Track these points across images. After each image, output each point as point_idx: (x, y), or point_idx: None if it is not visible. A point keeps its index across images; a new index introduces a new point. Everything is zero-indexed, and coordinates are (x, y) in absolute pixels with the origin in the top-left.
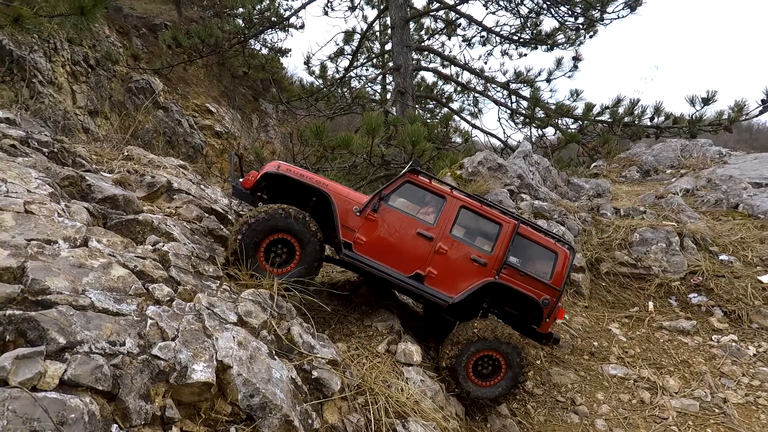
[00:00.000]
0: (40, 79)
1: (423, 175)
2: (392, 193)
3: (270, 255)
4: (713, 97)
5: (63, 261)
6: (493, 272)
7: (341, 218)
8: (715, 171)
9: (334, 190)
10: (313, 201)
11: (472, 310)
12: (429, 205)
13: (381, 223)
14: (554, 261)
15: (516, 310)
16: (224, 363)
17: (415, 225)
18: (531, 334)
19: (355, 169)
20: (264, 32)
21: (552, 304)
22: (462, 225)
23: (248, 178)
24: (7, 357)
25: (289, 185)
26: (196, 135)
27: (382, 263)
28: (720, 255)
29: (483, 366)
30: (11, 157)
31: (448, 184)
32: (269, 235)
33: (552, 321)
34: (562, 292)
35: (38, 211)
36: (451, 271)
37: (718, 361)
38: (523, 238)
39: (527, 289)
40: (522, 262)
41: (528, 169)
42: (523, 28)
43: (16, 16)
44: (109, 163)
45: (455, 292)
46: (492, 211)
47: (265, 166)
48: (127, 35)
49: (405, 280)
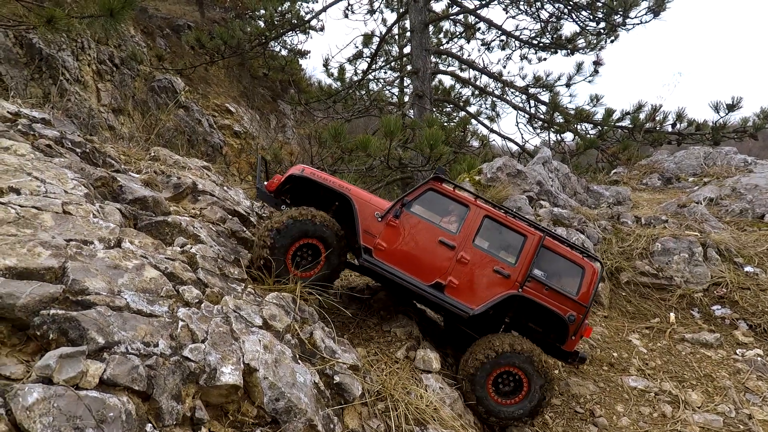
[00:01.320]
0: (67, 77)
1: (447, 182)
2: (415, 200)
3: (295, 259)
4: (738, 104)
5: (100, 262)
6: (516, 285)
7: (363, 223)
8: (739, 180)
9: (356, 195)
10: (335, 205)
11: (494, 324)
12: (452, 214)
13: (402, 230)
14: (581, 276)
15: (540, 326)
16: (251, 366)
17: (437, 233)
18: (555, 352)
19: (371, 171)
20: (284, 34)
21: (578, 321)
22: (485, 235)
23: (273, 182)
24: (52, 355)
25: (313, 188)
26: (216, 134)
27: (402, 270)
28: (745, 266)
29: (504, 383)
30: (48, 157)
31: (472, 193)
32: (299, 240)
33: (578, 339)
34: (589, 308)
35: (75, 211)
36: (472, 281)
37: (743, 376)
38: (549, 250)
39: (552, 304)
40: (547, 276)
41: (547, 176)
42: (543, 33)
43: (50, 17)
44: (137, 164)
45: (476, 304)
46: (517, 222)
47: (290, 169)
48: (152, 35)
49: (425, 288)
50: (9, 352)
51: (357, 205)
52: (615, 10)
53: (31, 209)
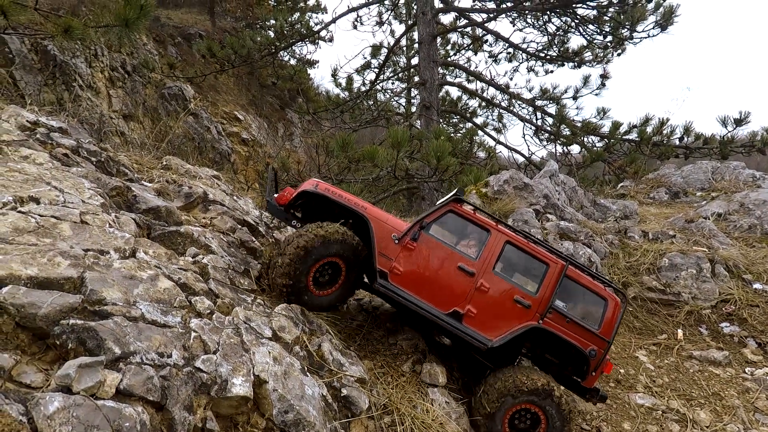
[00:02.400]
0: (80, 83)
1: (467, 204)
2: (434, 222)
3: (315, 276)
4: (746, 118)
5: (116, 272)
6: (536, 316)
7: (379, 245)
8: (748, 195)
9: (373, 215)
10: (349, 223)
11: (509, 353)
12: (471, 238)
13: (420, 254)
14: (604, 308)
15: (557, 358)
16: (261, 378)
17: (456, 258)
18: (573, 387)
19: (378, 181)
20: (294, 44)
21: (599, 356)
22: (506, 262)
23: (284, 194)
24: (72, 365)
25: (325, 205)
26: (224, 141)
27: (418, 297)
28: (754, 283)
29: (521, 420)
30: (65, 166)
31: (493, 217)
32: (324, 258)
33: (598, 375)
34: (611, 344)
35: (92, 221)
36: (491, 311)
37: (752, 395)
38: (571, 281)
39: (573, 338)
40: (569, 307)
41: (554, 189)
42: (550, 46)
43: (67, 27)
44: (149, 173)
45: (495, 335)
46: (539, 249)
47: (303, 184)
48: (163, 44)
49: (442, 317)
50: (29, 360)
51: (374, 226)
52: (622, 24)
53: (50, 219)
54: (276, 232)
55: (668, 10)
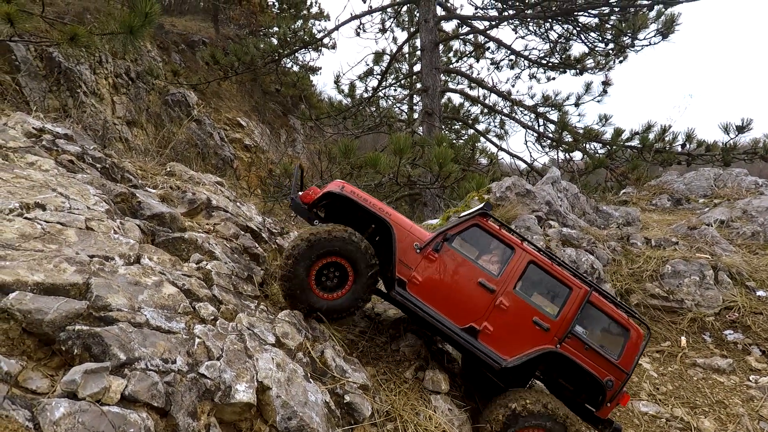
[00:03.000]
0: (84, 89)
1: (493, 220)
2: (458, 234)
3: (321, 279)
4: (748, 125)
5: (121, 278)
6: (555, 340)
7: (400, 252)
8: (751, 202)
9: (396, 221)
10: (371, 228)
11: (522, 374)
12: (494, 254)
13: (441, 265)
14: (625, 339)
15: (572, 384)
16: (264, 384)
17: (477, 273)
18: (585, 415)
19: (380, 187)
20: (297, 51)
21: (616, 388)
22: (528, 282)
23: (308, 193)
24: (78, 371)
25: (349, 207)
26: (227, 147)
27: (435, 309)
28: (757, 291)
29: None
30: (71, 173)
31: (519, 235)
32: (323, 258)
33: (613, 406)
34: (629, 376)
35: (97, 227)
36: (508, 330)
37: (757, 403)
38: (594, 307)
39: (591, 366)
40: (589, 334)
41: (556, 196)
42: (552, 53)
43: (73, 34)
44: (153, 179)
45: (510, 355)
46: (563, 273)
47: (329, 185)
48: (167, 50)
49: (457, 332)
50: (35, 366)
51: (396, 233)
52: (624, 32)
53: (56, 225)
54: (279, 239)
55: (669, 19)
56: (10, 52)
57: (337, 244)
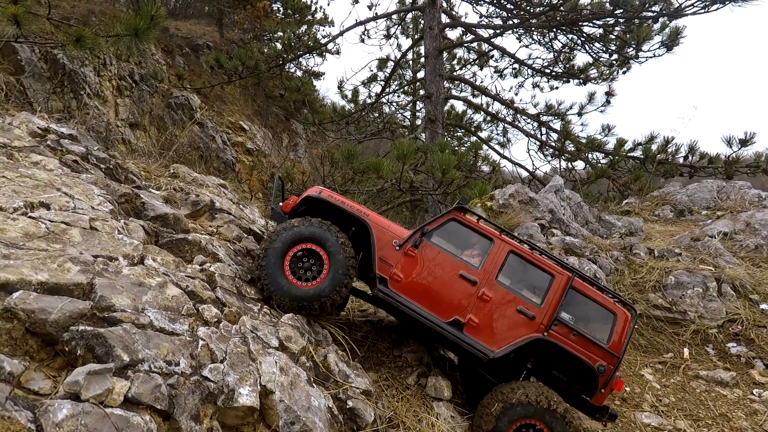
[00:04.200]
0: (87, 92)
1: (470, 213)
2: (436, 229)
3: (294, 269)
4: (751, 139)
5: (125, 279)
6: (541, 328)
7: (379, 251)
8: (754, 215)
9: (374, 221)
10: (351, 230)
11: (514, 368)
12: (474, 247)
13: (421, 261)
14: (612, 323)
15: (565, 374)
16: (267, 388)
17: (457, 266)
18: (581, 405)
19: (382, 192)
20: (301, 56)
21: (609, 373)
22: (509, 272)
23: (288, 202)
24: (81, 372)
25: (329, 212)
26: (229, 151)
27: (418, 304)
28: (761, 304)
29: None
30: (75, 173)
31: (497, 226)
32: (302, 243)
33: (608, 393)
34: (621, 359)
35: (101, 228)
36: (494, 321)
37: (760, 417)
38: (578, 293)
39: (580, 352)
40: (575, 320)
41: (559, 204)
42: (555, 62)
43: (78, 36)
44: (157, 180)
45: (497, 346)
46: (544, 260)
47: (306, 191)
48: (171, 54)
49: (442, 326)
50: (37, 366)
51: (374, 232)
52: (628, 43)
53: (60, 224)
54: None
55: (674, 31)
56: (14, 53)
57: (308, 229)
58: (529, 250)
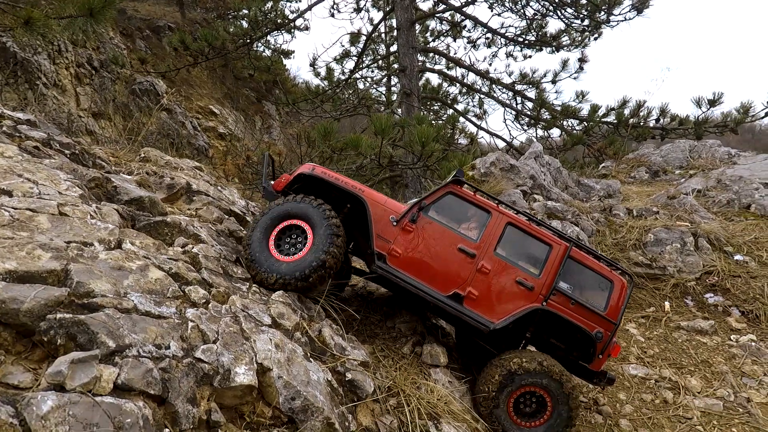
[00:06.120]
0: (44, 81)
1: (467, 186)
2: (433, 203)
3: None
4: (719, 99)
5: (102, 263)
6: (540, 298)
7: (376, 227)
8: (724, 171)
9: (370, 197)
10: (347, 207)
11: (513, 339)
12: (472, 220)
13: (419, 236)
14: (609, 290)
15: (563, 342)
16: (264, 366)
17: (456, 240)
18: (580, 372)
19: (361, 170)
20: (269, 34)
21: (606, 339)
22: (508, 243)
23: (280, 181)
24: (63, 361)
25: (323, 189)
26: (200, 137)
27: (418, 279)
28: (735, 255)
29: (525, 404)
30: (37, 159)
31: (494, 198)
32: (287, 219)
33: (605, 358)
34: (618, 326)
35: (72, 213)
36: (493, 293)
37: (739, 361)
38: (575, 262)
39: (579, 320)
40: (573, 289)
41: (540, 170)
42: (528, 30)
43: (27, 18)
44: (128, 165)
45: (497, 317)
46: (541, 231)
47: (299, 168)
48: (131, 37)
49: (443, 299)
50: (14, 360)
51: (371, 208)
52: (599, 8)
53: (25, 211)
54: None
55: None
56: None
57: (288, 206)
58: (527, 220)
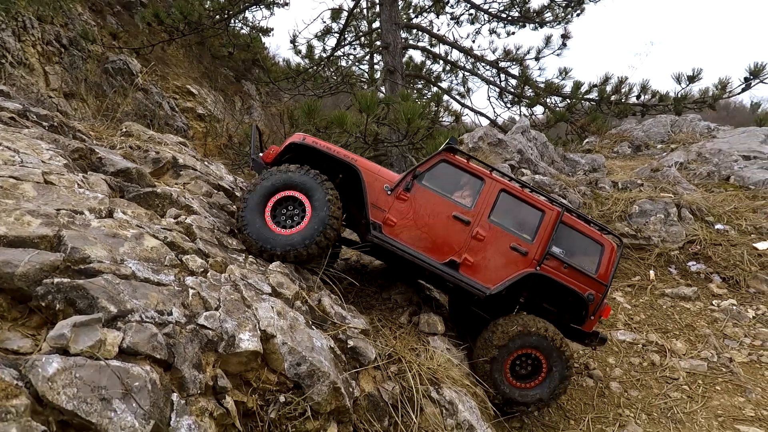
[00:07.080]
0: (10, 60)
1: (460, 154)
2: (427, 171)
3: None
4: (698, 75)
5: (96, 230)
6: (534, 263)
7: (371, 196)
8: (704, 145)
9: (363, 166)
10: (339, 178)
11: (507, 304)
12: (466, 188)
13: (414, 204)
14: (600, 253)
15: (555, 306)
16: (267, 332)
17: (450, 207)
18: (572, 334)
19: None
20: (247, 9)
21: (597, 301)
22: (501, 210)
23: (269, 152)
24: (65, 325)
25: (314, 159)
26: (178, 118)
27: (413, 248)
28: (716, 224)
29: (522, 366)
30: (15, 129)
31: (488, 165)
32: (283, 190)
33: (596, 319)
34: (608, 287)
35: (58, 181)
36: (488, 259)
37: (721, 324)
38: (567, 227)
39: (571, 283)
40: (565, 253)
41: (527, 144)
42: (511, 6)
43: None
44: (110, 140)
45: (493, 283)
46: (534, 197)
47: (289, 138)
48: (101, 13)
49: (439, 267)
50: (11, 326)
51: (365, 177)
52: None
53: (8, 179)
54: None
55: None
56: None
57: (283, 176)
58: (519, 187)
